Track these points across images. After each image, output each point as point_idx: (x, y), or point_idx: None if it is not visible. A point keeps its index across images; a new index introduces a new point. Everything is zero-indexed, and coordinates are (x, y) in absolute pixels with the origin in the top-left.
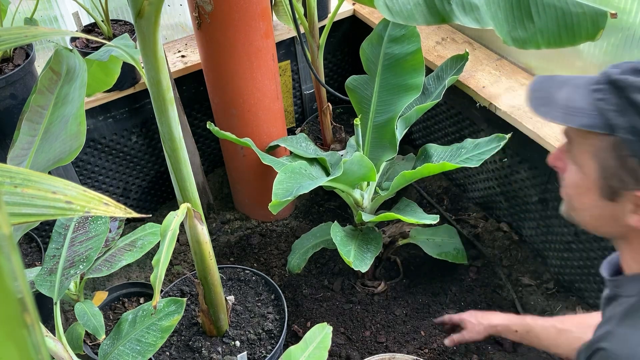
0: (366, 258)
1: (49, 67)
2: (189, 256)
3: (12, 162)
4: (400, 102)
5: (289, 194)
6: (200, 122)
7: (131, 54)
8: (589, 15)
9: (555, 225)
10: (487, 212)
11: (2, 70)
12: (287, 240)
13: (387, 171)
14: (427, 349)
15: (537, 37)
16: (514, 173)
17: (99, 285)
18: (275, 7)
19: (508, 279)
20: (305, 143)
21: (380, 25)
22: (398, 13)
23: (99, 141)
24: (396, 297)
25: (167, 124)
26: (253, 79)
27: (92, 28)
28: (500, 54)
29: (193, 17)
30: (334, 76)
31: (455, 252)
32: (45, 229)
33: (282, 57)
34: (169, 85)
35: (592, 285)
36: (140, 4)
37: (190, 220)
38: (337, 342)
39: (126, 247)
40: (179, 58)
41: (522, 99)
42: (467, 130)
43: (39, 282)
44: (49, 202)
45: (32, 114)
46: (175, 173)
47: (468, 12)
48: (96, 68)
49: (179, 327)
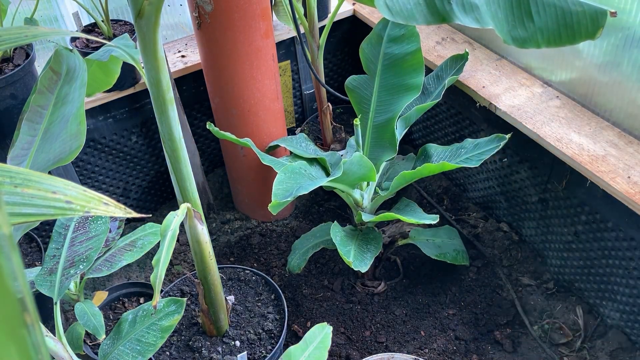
0: (366, 258)
1: (49, 67)
2: (189, 256)
3: (12, 162)
4: (400, 102)
5: (288, 194)
6: (200, 122)
7: (131, 54)
8: (588, 13)
9: (555, 225)
10: (487, 212)
11: (2, 70)
12: (287, 240)
13: (387, 171)
14: (427, 349)
15: (537, 36)
16: (514, 173)
17: (99, 285)
18: (275, 7)
19: (508, 279)
20: (305, 143)
21: (380, 25)
22: (398, 13)
23: (99, 141)
24: (396, 297)
25: (167, 124)
26: (253, 79)
27: (92, 28)
28: (500, 54)
29: (193, 17)
30: (334, 76)
31: (455, 253)
32: (45, 229)
33: (282, 57)
34: (169, 85)
35: (592, 285)
36: (141, 4)
37: (191, 220)
38: (337, 342)
39: (126, 247)
40: (179, 58)
41: (522, 99)
42: (467, 130)
43: (39, 282)
44: (49, 202)
45: (32, 114)
46: (175, 173)
47: (468, 12)
48: (96, 68)
49: (179, 327)
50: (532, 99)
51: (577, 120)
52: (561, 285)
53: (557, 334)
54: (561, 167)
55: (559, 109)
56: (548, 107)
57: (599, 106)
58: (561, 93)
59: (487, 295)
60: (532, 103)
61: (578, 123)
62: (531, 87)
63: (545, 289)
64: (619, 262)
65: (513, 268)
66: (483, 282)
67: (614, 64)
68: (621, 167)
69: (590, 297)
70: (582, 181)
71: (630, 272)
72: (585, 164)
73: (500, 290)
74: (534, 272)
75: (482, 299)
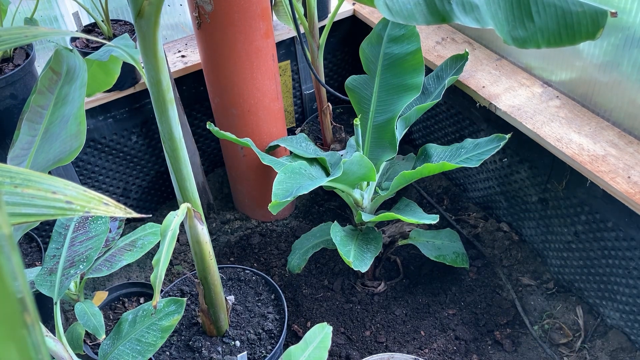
0: (366, 258)
1: (49, 67)
2: (189, 256)
3: (12, 162)
4: (400, 102)
5: (288, 194)
6: (200, 122)
7: (131, 54)
8: (589, 14)
9: (555, 225)
10: (487, 212)
11: (2, 70)
12: (287, 240)
13: (387, 171)
14: (427, 349)
15: (537, 36)
16: (514, 173)
17: (99, 285)
18: (275, 7)
19: (508, 279)
20: (305, 143)
21: (380, 25)
22: (398, 12)
23: (99, 141)
24: (396, 297)
25: (167, 124)
26: (253, 78)
27: (92, 28)
28: (500, 54)
29: (193, 17)
30: (334, 76)
31: (455, 256)
32: (45, 229)
33: (282, 57)
34: (169, 85)
35: (591, 285)
36: (141, 4)
37: (191, 220)
38: (337, 342)
39: (126, 247)
40: (179, 58)
41: (522, 99)
42: (467, 130)
43: (39, 282)
44: (49, 202)
45: (32, 114)
46: (175, 173)
47: (468, 12)
48: (96, 68)
49: (179, 327)
50: (532, 99)
51: (577, 120)
52: (561, 285)
53: (557, 334)
54: (561, 167)
55: (559, 109)
56: (548, 107)
57: (599, 106)
58: (561, 93)
59: (487, 295)
60: (532, 103)
61: (578, 123)
62: (531, 87)
63: (545, 289)
64: (619, 262)
65: (513, 268)
66: (483, 282)
67: (614, 64)
68: (621, 167)
69: (590, 297)
70: (582, 181)
71: (630, 272)
72: (585, 164)
73: (500, 290)
74: (534, 272)
75: (482, 299)
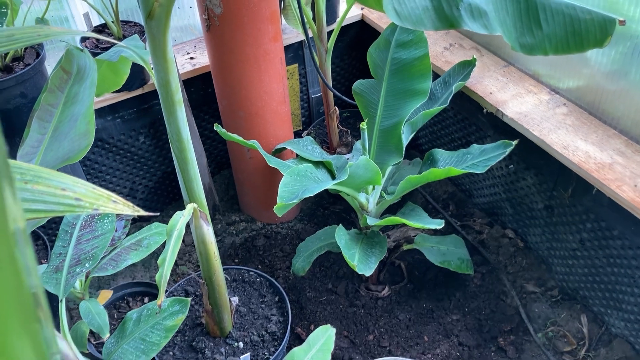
0: (370, 262)
1: (60, 66)
2: (194, 257)
3: (21, 159)
4: (407, 107)
5: (294, 196)
6: (207, 123)
7: (141, 55)
8: (597, 21)
9: (560, 233)
10: (493, 218)
11: (13, 69)
12: (291, 243)
13: (393, 175)
14: (430, 354)
15: (545, 43)
16: (520, 180)
17: (104, 284)
18: (284, 10)
19: (513, 286)
20: (311, 146)
21: (388, 30)
22: (406, 18)
23: (107, 141)
24: (400, 301)
25: (175, 125)
26: (261, 81)
27: (102, 29)
28: (508, 60)
29: (202, 19)
30: (341, 80)
31: (459, 262)
32: (52, 226)
33: (290, 60)
34: (177, 87)
35: (596, 293)
36: (151, 6)
37: (196, 221)
38: (340, 345)
39: (132, 246)
40: (188, 60)
41: (529, 105)
42: (474, 136)
43: (45, 280)
44: (58, 198)
45: (42, 112)
46: (182, 174)
47: (476, 18)
48: (106, 68)
49: (183, 327)
50: (539, 106)
51: (584, 128)
52: (566, 293)
53: (561, 341)
54: (567, 175)
55: (566, 117)
56: (555, 115)
57: (606, 114)
58: (568, 100)
59: (491, 302)
60: (539, 110)
61: (585, 131)
62: (538, 94)
63: (549, 296)
64: (624, 270)
65: (518, 275)
66: (487, 288)
67: (621, 73)
68: (628, 175)
69: (595, 306)
70: (588, 189)
71: (636, 281)
72: (591, 172)
73: (504, 296)
74: (539, 279)
75: (487, 305)
